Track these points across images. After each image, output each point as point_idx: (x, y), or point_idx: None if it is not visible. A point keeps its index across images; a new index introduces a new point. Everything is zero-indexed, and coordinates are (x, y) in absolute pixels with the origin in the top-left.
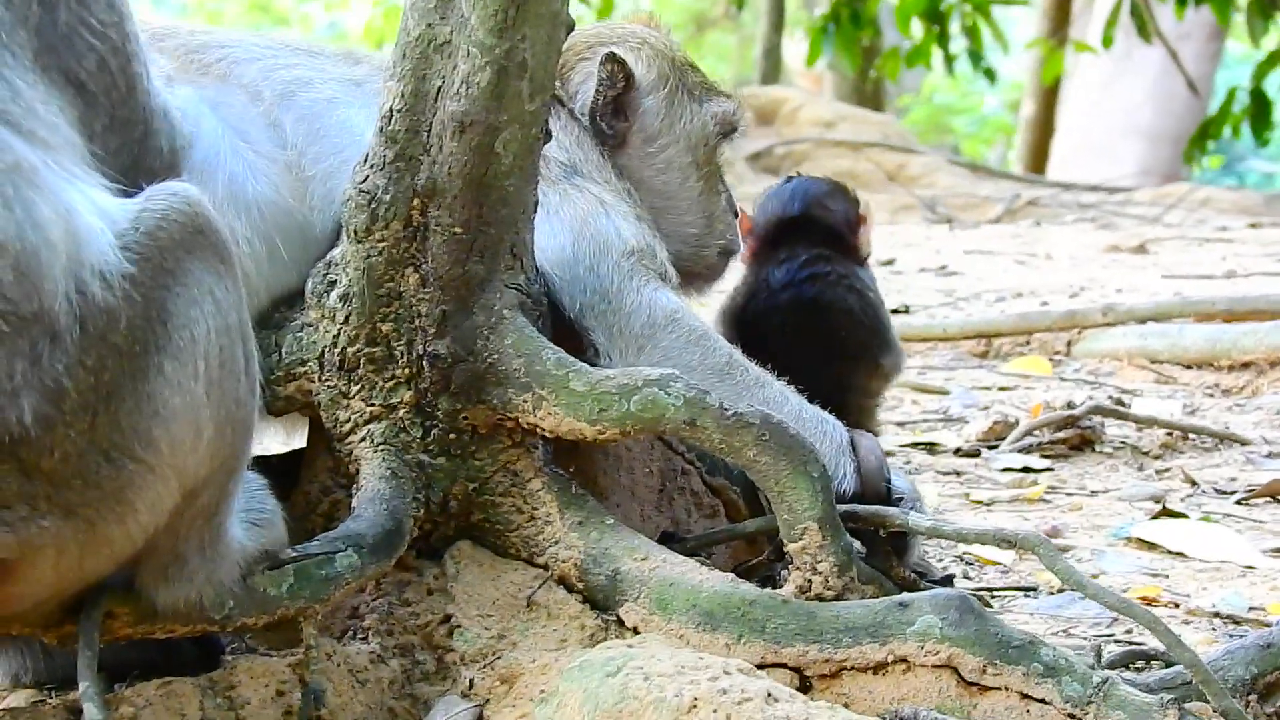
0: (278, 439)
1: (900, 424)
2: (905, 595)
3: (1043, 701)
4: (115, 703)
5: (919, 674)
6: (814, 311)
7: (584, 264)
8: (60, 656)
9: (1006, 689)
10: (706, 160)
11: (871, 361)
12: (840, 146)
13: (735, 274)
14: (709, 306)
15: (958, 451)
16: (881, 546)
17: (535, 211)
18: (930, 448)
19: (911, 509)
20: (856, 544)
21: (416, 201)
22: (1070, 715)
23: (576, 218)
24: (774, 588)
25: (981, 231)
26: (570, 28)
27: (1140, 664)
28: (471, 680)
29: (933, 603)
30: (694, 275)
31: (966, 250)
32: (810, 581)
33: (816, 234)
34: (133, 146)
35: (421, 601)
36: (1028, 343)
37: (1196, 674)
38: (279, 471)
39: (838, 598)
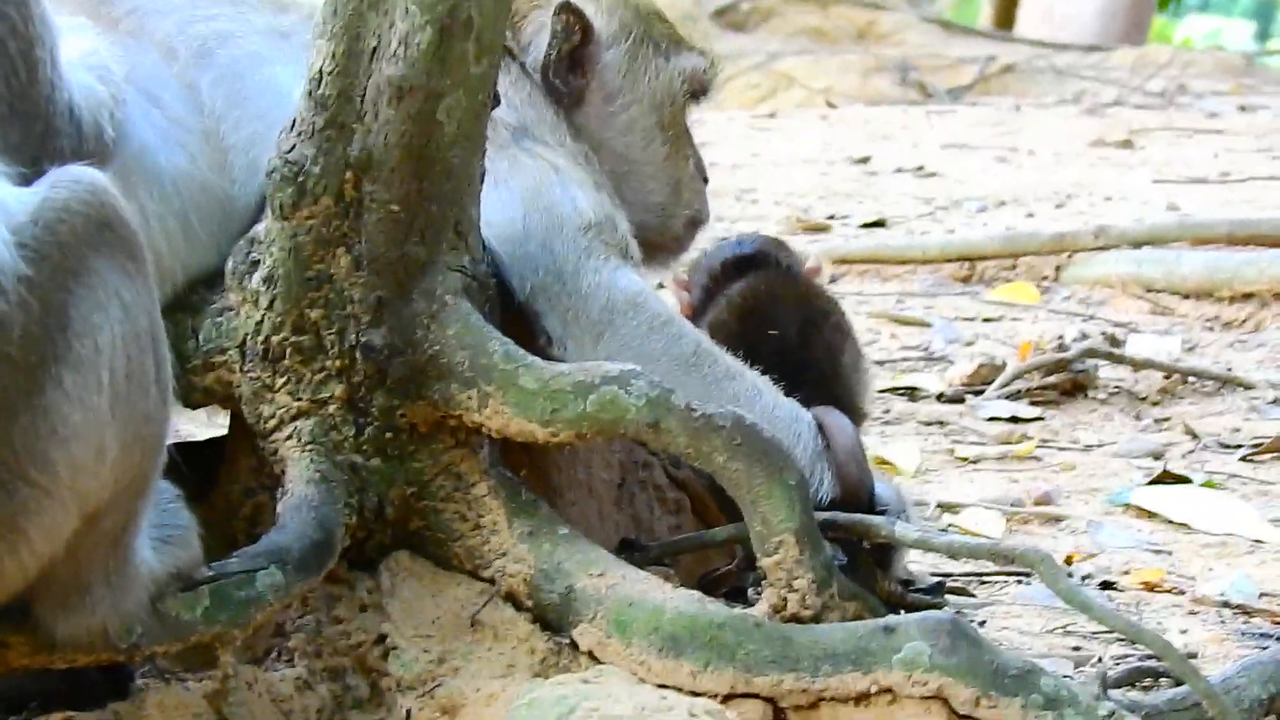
0: (199, 422)
1: (879, 363)
2: (891, 619)
3: None
4: None
5: (906, 706)
6: (776, 285)
7: (536, 240)
8: None
9: None
10: (673, 121)
11: (856, 345)
12: (808, 2)
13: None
14: None
15: (940, 397)
16: (864, 559)
17: (482, 183)
18: (911, 393)
19: (898, 517)
20: (838, 552)
21: (349, 174)
22: None
23: (528, 187)
24: (744, 601)
25: (959, 117)
26: None
27: (1148, 682)
28: (409, 711)
29: (921, 627)
30: (658, 248)
31: (944, 145)
32: (786, 600)
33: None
34: (33, 144)
35: (354, 619)
36: (1014, 266)
37: (1211, 705)
38: (199, 460)
39: (816, 618)
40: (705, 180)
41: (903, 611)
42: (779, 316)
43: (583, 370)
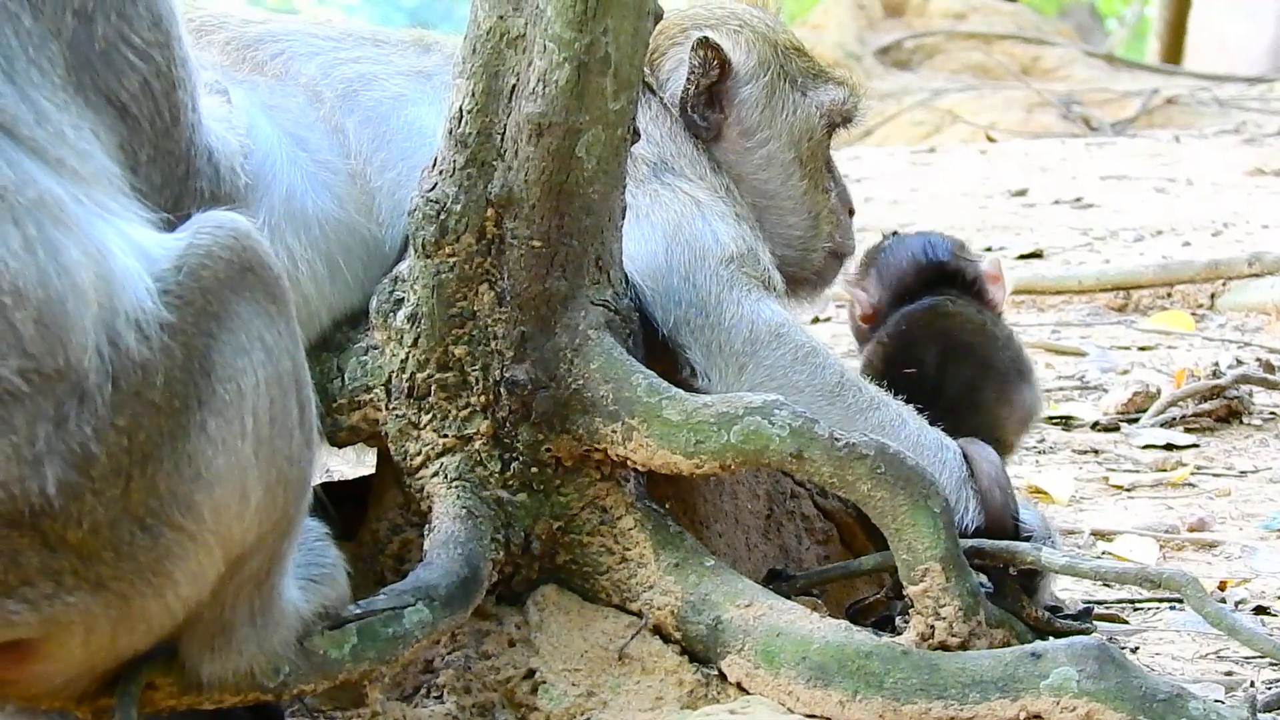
0: (347, 461)
1: None
2: (1038, 645)
3: None
4: None
5: None
6: (940, 318)
7: (678, 273)
8: None
9: None
10: (812, 155)
11: (1002, 381)
12: (972, 39)
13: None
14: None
15: (1095, 426)
16: (1010, 585)
17: (623, 218)
18: (1066, 422)
19: (1043, 544)
20: (983, 579)
21: (490, 212)
22: None
23: (669, 221)
24: (892, 630)
25: (1118, 149)
26: (658, 17)
27: None
28: None
29: (1069, 652)
30: (801, 281)
31: (1103, 176)
32: (933, 628)
33: (952, 283)
34: (174, 185)
35: (502, 654)
36: (1169, 295)
37: None
38: (347, 498)
39: (964, 645)
40: (851, 212)
41: (1051, 637)
42: (920, 352)
43: (726, 401)
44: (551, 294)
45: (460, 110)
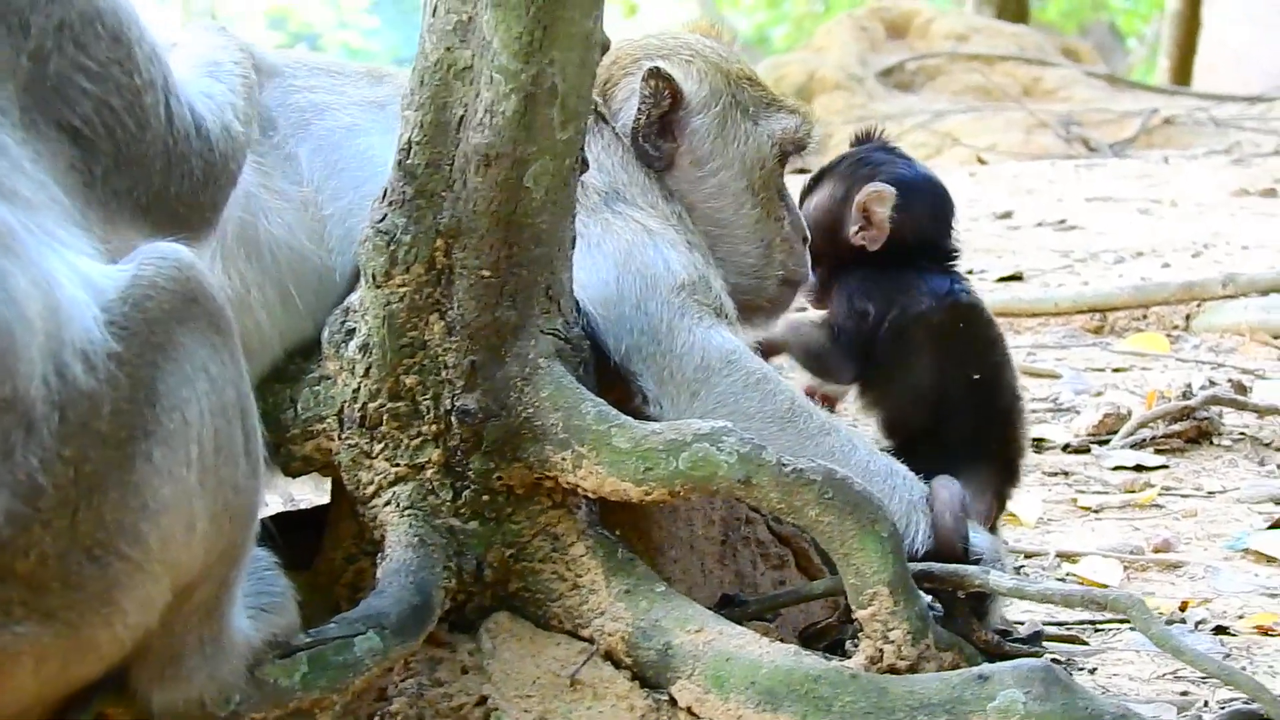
0: (313, 489)
1: None
2: (985, 667)
3: None
4: None
5: None
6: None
7: (630, 301)
8: None
9: None
10: (764, 184)
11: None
12: (974, 60)
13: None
14: None
15: (1066, 448)
16: (960, 609)
17: (573, 247)
18: (1038, 444)
19: (993, 567)
20: (932, 600)
21: (440, 242)
22: None
23: (620, 250)
24: (844, 653)
25: (1107, 170)
26: (605, 47)
27: None
28: None
29: (1015, 674)
30: (756, 308)
31: (1089, 198)
32: (881, 651)
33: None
34: (150, 180)
35: (455, 681)
36: (1144, 316)
37: None
38: (304, 527)
39: (912, 669)
40: (805, 240)
41: (1000, 660)
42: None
43: (674, 428)
44: (501, 323)
45: (409, 141)
